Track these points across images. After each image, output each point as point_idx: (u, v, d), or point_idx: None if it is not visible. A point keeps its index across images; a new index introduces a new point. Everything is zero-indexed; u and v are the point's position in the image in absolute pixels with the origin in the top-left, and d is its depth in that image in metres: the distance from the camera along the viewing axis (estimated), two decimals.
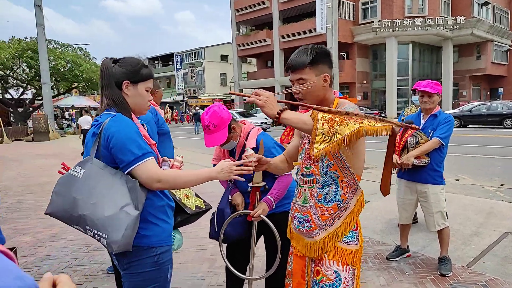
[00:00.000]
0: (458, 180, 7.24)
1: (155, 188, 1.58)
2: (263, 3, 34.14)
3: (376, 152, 10.61)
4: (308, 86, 1.66)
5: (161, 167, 1.98)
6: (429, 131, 3.30)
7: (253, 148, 2.34)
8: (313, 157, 1.51)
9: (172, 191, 2.33)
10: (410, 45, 30.73)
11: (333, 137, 1.43)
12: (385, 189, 1.67)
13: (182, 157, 2.19)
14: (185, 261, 3.73)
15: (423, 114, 3.44)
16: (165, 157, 2.09)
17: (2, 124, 19.84)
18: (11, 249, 2.43)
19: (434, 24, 28.55)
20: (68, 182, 1.59)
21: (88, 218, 1.52)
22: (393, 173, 3.59)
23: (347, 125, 1.43)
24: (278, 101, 1.61)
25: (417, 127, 1.54)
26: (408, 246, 3.70)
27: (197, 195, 2.53)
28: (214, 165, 2.59)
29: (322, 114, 1.51)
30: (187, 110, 41.01)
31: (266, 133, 2.44)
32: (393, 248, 3.75)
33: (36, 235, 4.64)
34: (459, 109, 21.59)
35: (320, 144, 1.44)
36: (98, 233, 1.52)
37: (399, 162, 3.30)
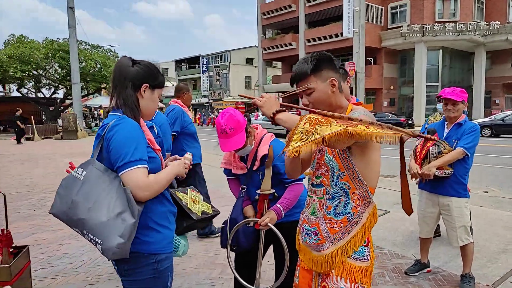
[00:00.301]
0: (487, 192, 6.92)
1: (142, 197, 1.51)
2: (290, 6, 34.07)
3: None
4: (310, 87, 1.60)
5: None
6: (453, 140, 3.14)
7: (265, 155, 2.27)
8: (287, 155, 1.44)
9: (179, 195, 2.29)
10: (441, 51, 29.89)
11: (310, 136, 1.33)
12: (407, 207, 1.55)
13: (191, 154, 2.12)
14: (197, 265, 3.69)
15: (447, 122, 3.28)
16: (176, 156, 2.04)
17: (33, 122, 20.58)
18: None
19: (466, 29, 27.67)
20: (70, 184, 1.56)
21: (86, 222, 1.49)
22: (415, 183, 3.44)
23: (330, 126, 1.34)
24: (281, 104, 1.56)
25: (434, 138, 1.42)
26: (428, 260, 3.53)
27: (205, 200, 2.48)
28: (225, 169, 2.54)
29: (310, 115, 1.43)
30: (210, 113, 41.47)
31: (279, 140, 2.36)
32: (413, 262, 3.59)
33: (56, 232, 4.73)
34: (491, 118, 20.84)
35: (296, 143, 1.35)
36: (94, 238, 1.48)
37: (419, 172, 3.15)
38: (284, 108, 1.53)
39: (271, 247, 2.53)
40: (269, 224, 2.19)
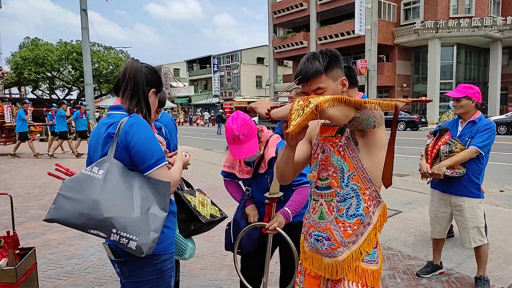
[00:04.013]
0: (503, 191, 6.74)
1: (172, 192, 1.61)
2: (301, 5, 33.91)
3: (413, 158, 10.17)
4: (322, 86, 1.53)
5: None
6: (466, 139, 3.04)
7: (272, 158, 2.22)
8: (289, 136, 1.39)
9: (187, 197, 2.26)
10: (455, 47, 29.38)
11: (306, 109, 1.30)
12: (386, 180, 1.47)
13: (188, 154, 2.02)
14: (205, 266, 3.66)
15: (461, 120, 3.19)
16: (176, 152, 1.97)
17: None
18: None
19: (482, 25, 27.13)
20: (84, 184, 1.50)
21: (115, 220, 1.46)
22: (427, 183, 3.36)
23: (323, 95, 1.32)
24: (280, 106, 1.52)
25: (428, 99, 1.35)
26: (441, 262, 3.44)
27: (212, 203, 2.44)
28: (225, 172, 2.49)
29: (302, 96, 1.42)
30: (197, 113, 42.63)
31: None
32: (425, 263, 3.50)
33: (66, 233, 4.76)
34: (507, 115, 20.39)
35: (295, 121, 1.32)
36: (127, 235, 1.46)
37: (429, 171, 3.07)
38: (277, 105, 1.49)
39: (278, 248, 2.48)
40: (277, 228, 2.13)
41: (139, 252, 1.47)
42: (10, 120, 12.99)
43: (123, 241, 1.47)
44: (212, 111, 45.47)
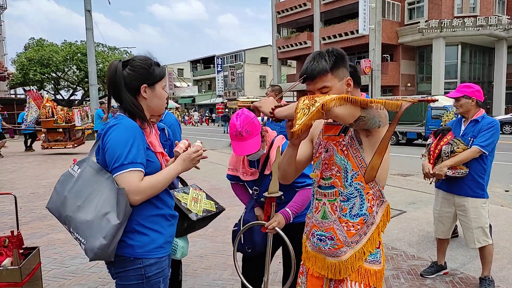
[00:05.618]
0: (507, 191, 6.71)
1: (133, 201, 1.48)
2: (305, 4, 33.84)
3: (416, 158, 10.14)
4: (328, 86, 1.53)
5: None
6: (469, 138, 3.02)
7: None
8: (294, 135, 1.39)
9: (177, 197, 2.25)
10: (459, 46, 29.20)
11: (312, 108, 1.29)
12: (369, 176, 1.45)
13: (201, 142, 1.86)
14: (208, 266, 3.67)
15: (464, 119, 3.17)
16: (185, 141, 1.88)
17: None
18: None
19: (487, 24, 26.94)
20: (65, 180, 1.58)
21: (72, 219, 1.48)
22: (430, 183, 3.35)
23: (328, 94, 1.31)
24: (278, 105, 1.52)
25: (434, 98, 1.35)
26: (445, 262, 3.42)
27: (208, 197, 2.42)
28: (229, 175, 2.47)
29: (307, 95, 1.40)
30: (191, 112, 43.35)
31: None
32: (429, 263, 3.48)
33: None
34: None
35: (300, 120, 1.31)
36: (78, 237, 1.47)
37: (431, 172, 3.05)
38: (282, 104, 1.49)
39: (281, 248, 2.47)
40: (276, 228, 2.11)
41: (87, 256, 1.47)
42: (80, 123, 13.13)
43: (78, 241, 1.49)
44: (207, 111, 46.26)
